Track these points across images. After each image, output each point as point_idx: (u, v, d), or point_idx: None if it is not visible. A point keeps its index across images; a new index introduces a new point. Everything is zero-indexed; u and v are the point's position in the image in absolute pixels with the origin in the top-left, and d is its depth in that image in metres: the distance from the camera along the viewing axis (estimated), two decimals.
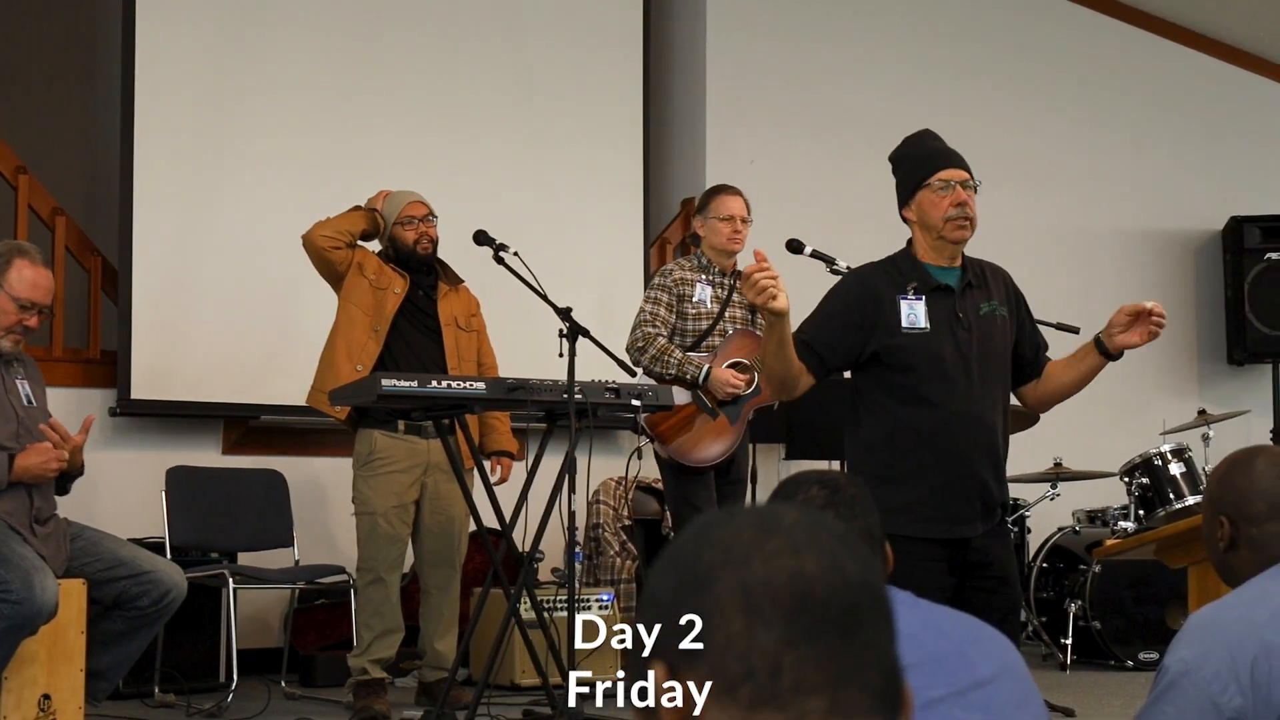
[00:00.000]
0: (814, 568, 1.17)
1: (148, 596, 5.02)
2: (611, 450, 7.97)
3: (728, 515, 1.23)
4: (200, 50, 7.41)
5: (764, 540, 1.19)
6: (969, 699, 2.16)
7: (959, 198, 4.16)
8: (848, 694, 1.15)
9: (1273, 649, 2.48)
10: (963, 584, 4.10)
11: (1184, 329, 9.78)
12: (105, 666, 5.06)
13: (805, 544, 1.18)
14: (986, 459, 4.16)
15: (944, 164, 4.20)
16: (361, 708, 5.80)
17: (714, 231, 6.27)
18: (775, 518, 1.21)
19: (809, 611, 1.16)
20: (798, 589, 1.16)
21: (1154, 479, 7.15)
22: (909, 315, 4.14)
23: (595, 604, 6.64)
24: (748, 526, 1.20)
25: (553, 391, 5.33)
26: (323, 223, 6.10)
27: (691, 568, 1.20)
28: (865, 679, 1.16)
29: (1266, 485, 2.75)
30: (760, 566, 1.17)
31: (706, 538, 1.21)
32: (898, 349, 4.11)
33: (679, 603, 1.19)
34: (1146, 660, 7.28)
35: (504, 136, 8.09)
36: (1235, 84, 10.01)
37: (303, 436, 7.41)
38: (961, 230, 4.17)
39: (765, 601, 1.16)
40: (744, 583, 1.17)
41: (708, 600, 1.17)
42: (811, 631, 1.15)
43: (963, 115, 8.36)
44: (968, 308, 4.20)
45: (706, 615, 1.17)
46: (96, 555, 5.02)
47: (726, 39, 8.75)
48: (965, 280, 4.23)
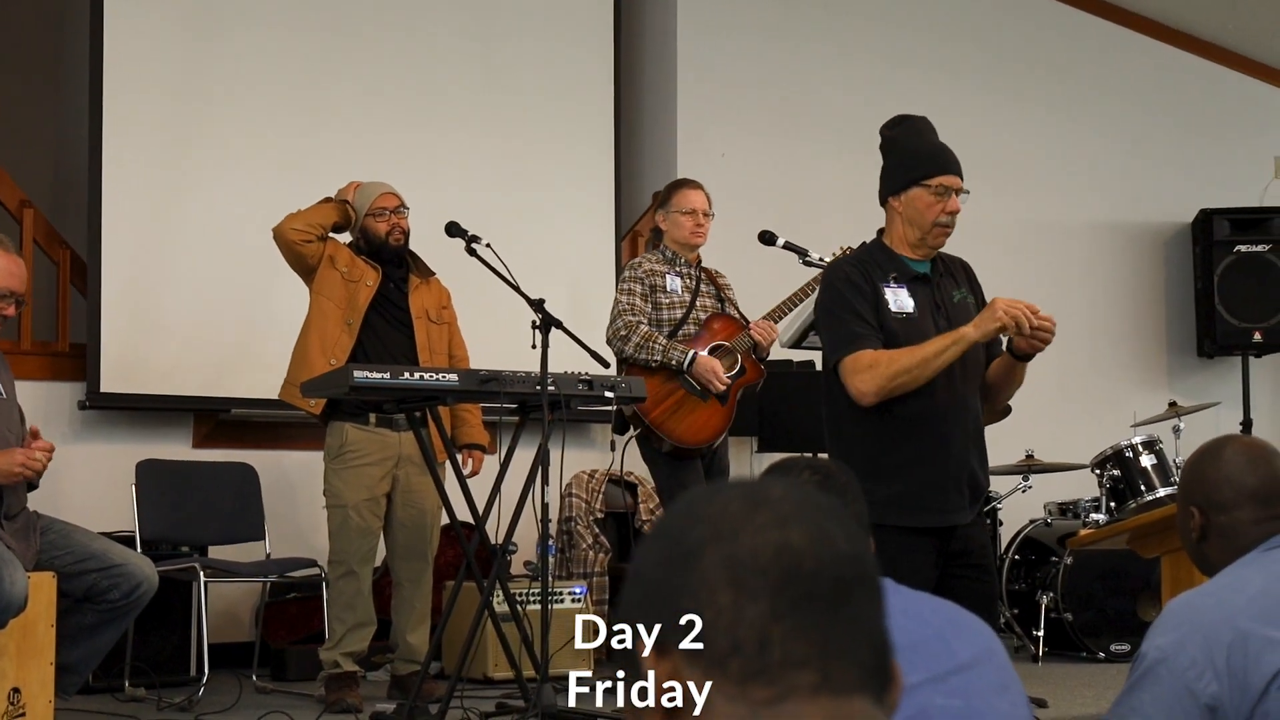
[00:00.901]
0: (801, 540, 1.16)
1: (118, 590, 4.98)
2: (584, 443, 7.96)
3: (715, 490, 1.22)
4: (170, 43, 7.37)
5: (751, 513, 1.18)
6: (948, 684, 2.15)
7: (954, 206, 4.17)
8: (837, 668, 1.14)
9: (1248, 636, 2.49)
10: (945, 572, 4.12)
11: (1154, 321, 9.82)
12: (75, 660, 5.01)
13: (793, 516, 1.17)
14: (973, 446, 4.18)
15: (946, 168, 4.19)
16: (334, 701, 5.78)
17: (676, 225, 6.28)
18: (763, 491, 1.20)
19: (796, 584, 1.15)
20: (785, 561, 1.15)
21: (1125, 471, 7.16)
22: (895, 300, 4.16)
23: (568, 597, 6.63)
24: (735, 500, 1.19)
25: (525, 383, 5.32)
26: (293, 215, 6.07)
27: (679, 542, 1.19)
28: (855, 653, 1.15)
29: (1233, 473, 2.77)
30: (747, 539, 1.16)
31: (694, 512, 1.20)
32: (890, 333, 4.12)
33: (667, 577, 1.18)
34: (1118, 652, 7.31)
35: (476, 130, 8.07)
36: (1206, 77, 10.05)
37: (274, 430, 7.38)
38: (945, 237, 4.22)
39: (752, 575, 1.15)
40: (731, 556, 1.16)
41: (695, 575, 1.16)
42: (799, 604, 1.14)
43: (933, 109, 8.31)
44: (944, 296, 4.22)
45: (694, 590, 1.16)
46: (67, 548, 4.97)
47: (697, 33, 8.75)
48: (937, 270, 4.26)
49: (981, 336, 4.02)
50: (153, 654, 6.38)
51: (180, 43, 7.40)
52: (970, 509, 4.17)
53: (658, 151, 8.77)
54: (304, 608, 7.06)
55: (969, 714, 2.16)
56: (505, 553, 5.53)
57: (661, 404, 6.03)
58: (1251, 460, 2.78)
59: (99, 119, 7.11)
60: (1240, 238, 9.47)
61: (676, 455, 6.05)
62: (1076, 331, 9.16)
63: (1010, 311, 3.95)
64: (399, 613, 6.12)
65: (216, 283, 7.28)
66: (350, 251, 6.11)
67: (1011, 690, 2.30)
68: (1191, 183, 9.81)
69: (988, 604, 4.12)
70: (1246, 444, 2.85)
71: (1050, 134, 9.58)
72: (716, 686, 1.14)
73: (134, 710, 5.78)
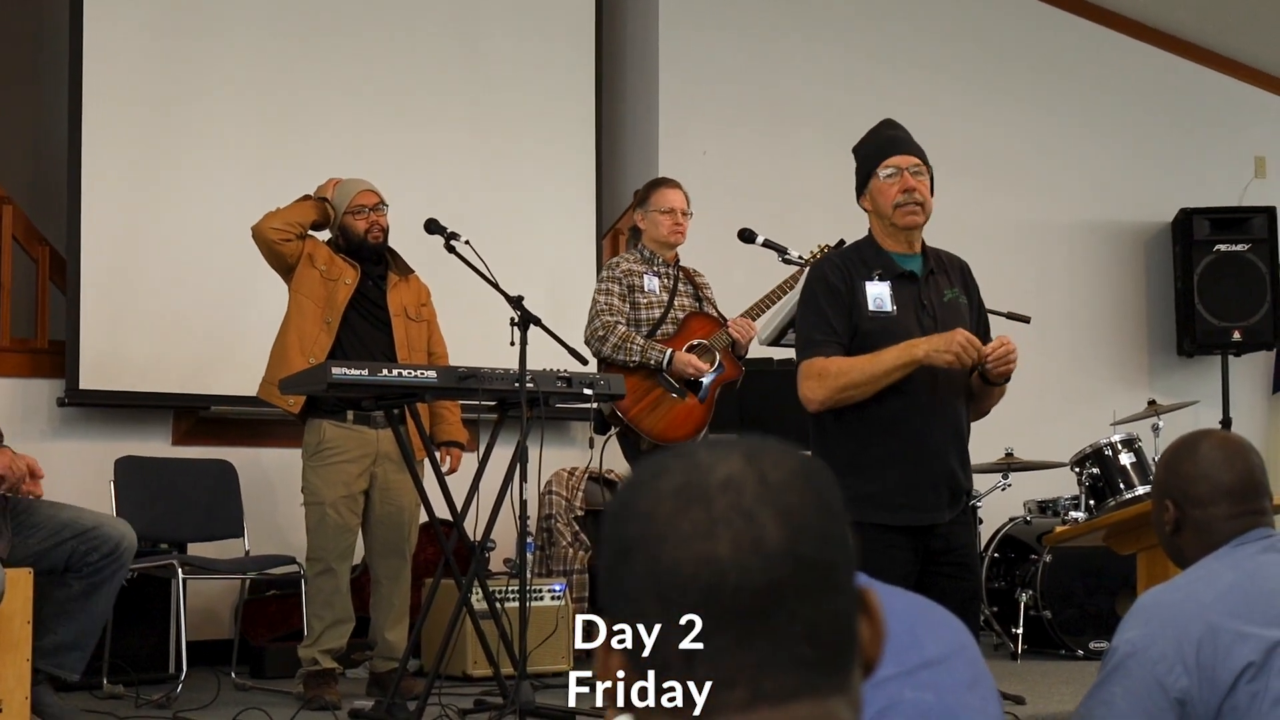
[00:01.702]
0: (727, 550, 1.12)
1: (98, 552, 4.91)
2: (564, 440, 7.96)
3: (657, 470, 1.18)
4: (151, 41, 7.35)
5: (680, 517, 1.13)
6: (918, 678, 2.15)
7: (906, 183, 4.19)
8: (770, 678, 1.11)
9: (1218, 630, 2.50)
10: (926, 569, 4.13)
11: (1134, 320, 9.84)
12: (74, 636, 4.94)
13: (723, 518, 1.13)
14: (953, 446, 4.18)
15: (891, 151, 4.24)
16: (312, 698, 5.77)
17: (655, 224, 6.29)
18: (702, 480, 1.15)
19: (720, 600, 1.11)
20: (707, 579, 1.11)
21: (1104, 469, 7.17)
22: (875, 299, 4.18)
23: (548, 594, 6.62)
24: (668, 495, 1.15)
25: (504, 380, 5.32)
26: (272, 214, 6.05)
27: (617, 533, 1.16)
28: (790, 657, 1.12)
29: (1210, 469, 2.78)
30: (670, 551, 1.12)
31: (629, 504, 1.17)
32: (866, 334, 4.14)
33: (612, 566, 1.17)
34: (1097, 650, 7.31)
35: (456, 127, 8.07)
36: (1186, 77, 10.06)
37: (253, 427, 7.37)
38: (912, 215, 4.20)
39: (675, 591, 1.12)
40: (654, 571, 1.12)
41: (628, 579, 1.14)
42: (723, 623, 1.11)
43: (914, 107, 8.36)
44: (932, 294, 4.23)
45: (627, 594, 1.14)
46: (35, 525, 4.89)
47: (679, 31, 8.74)
48: (928, 267, 4.26)
49: (927, 361, 4.05)
50: (131, 651, 6.36)
51: (161, 41, 7.38)
52: (950, 508, 4.19)
53: (639, 149, 8.77)
54: (283, 605, 7.05)
55: (939, 708, 2.16)
56: (484, 550, 5.53)
57: (640, 402, 6.04)
58: (1228, 456, 2.79)
59: (79, 116, 7.10)
60: (1220, 237, 9.49)
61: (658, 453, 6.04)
62: (1056, 330, 9.19)
63: (955, 349, 4.01)
64: (377, 610, 6.11)
65: (196, 280, 7.27)
66: (329, 250, 6.10)
67: (982, 686, 2.30)
68: (1171, 182, 9.83)
69: (968, 602, 4.13)
70: (1223, 439, 2.87)
71: (1030, 133, 9.59)
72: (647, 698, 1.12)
73: (112, 707, 5.76)
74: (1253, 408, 9.93)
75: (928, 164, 4.25)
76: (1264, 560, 2.67)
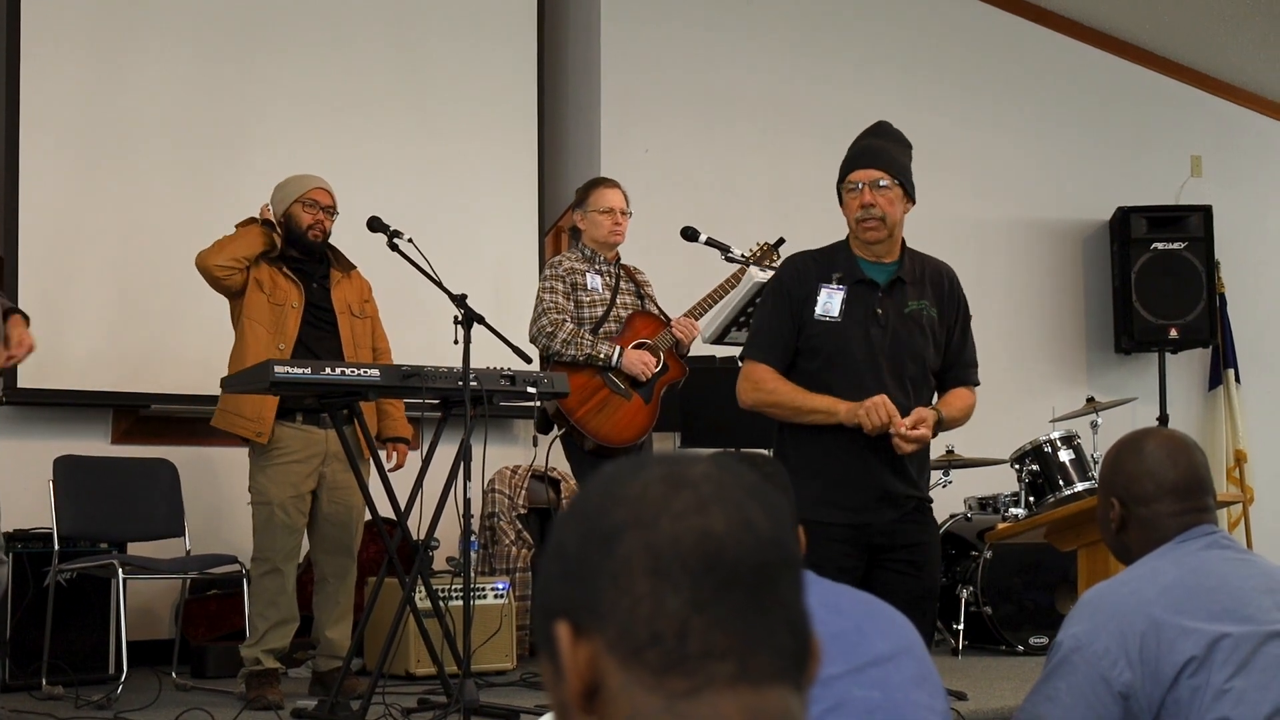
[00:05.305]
0: (722, 526, 1.15)
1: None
2: (507, 438, 7.95)
3: (635, 467, 1.20)
4: (86, 41, 7.30)
5: (672, 497, 1.16)
6: (866, 675, 2.17)
7: (864, 199, 4.23)
8: (756, 657, 1.14)
9: (1161, 625, 2.53)
10: (874, 566, 4.18)
11: (1073, 318, 9.91)
12: None
13: (714, 498, 1.16)
14: (883, 454, 4.20)
15: (854, 165, 4.30)
16: (255, 698, 5.74)
17: (594, 225, 6.29)
18: (684, 471, 1.18)
19: (717, 573, 1.13)
20: (706, 549, 1.14)
21: (1044, 466, 7.21)
22: (825, 304, 4.24)
23: (491, 593, 6.62)
24: (655, 482, 1.17)
25: (447, 379, 5.33)
26: (218, 248, 5.95)
27: (598, 523, 1.17)
28: (775, 641, 1.15)
29: (1154, 466, 2.81)
30: (668, 526, 1.14)
31: (614, 493, 1.18)
32: (809, 336, 4.24)
33: (586, 557, 1.17)
34: (1036, 645, 7.38)
35: (398, 126, 8.04)
36: (1123, 76, 10.14)
37: (193, 425, 7.32)
38: (872, 230, 4.26)
39: (673, 564, 1.13)
40: (650, 545, 1.14)
41: (614, 560, 1.15)
42: (720, 594, 1.13)
43: (853, 105, 8.40)
44: (890, 305, 4.26)
45: (612, 576, 1.14)
46: None
47: (621, 28, 8.74)
48: (895, 276, 4.29)
49: (845, 422, 4.16)
50: (70, 651, 6.31)
51: (100, 42, 7.33)
52: (889, 510, 4.22)
53: (581, 147, 8.76)
54: (224, 605, 7.01)
55: (887, 705, 2.18)
56: (427, 548, 5.52)
57: (586, 403, 6.04)
58: (1172, 454, 2.82)
59: (15, 115, 7.05)
60: (1157, 235, 9.57)
61: (600, 454, 6.05)
62: (996, 328, 9.23)
63: (873, 421, 4.11)
64: (321, 608, 6.09)
65: (133, 278, 7.22)
66: (270, 267, 6.01)
67: (929, 682, 2.32)
68: (1109, 181, 9.90)
69: (918, 601, 4.15)
70: (1167, 437, 2.89)
71: (968, 131, 9.63)
72: (633, 675, 1.13)
73: (51, 708, 5.71)
74: (1189, 404, 10.02)
75: (898, 174, 4.27)
76: (1207, 556, 2.70)
